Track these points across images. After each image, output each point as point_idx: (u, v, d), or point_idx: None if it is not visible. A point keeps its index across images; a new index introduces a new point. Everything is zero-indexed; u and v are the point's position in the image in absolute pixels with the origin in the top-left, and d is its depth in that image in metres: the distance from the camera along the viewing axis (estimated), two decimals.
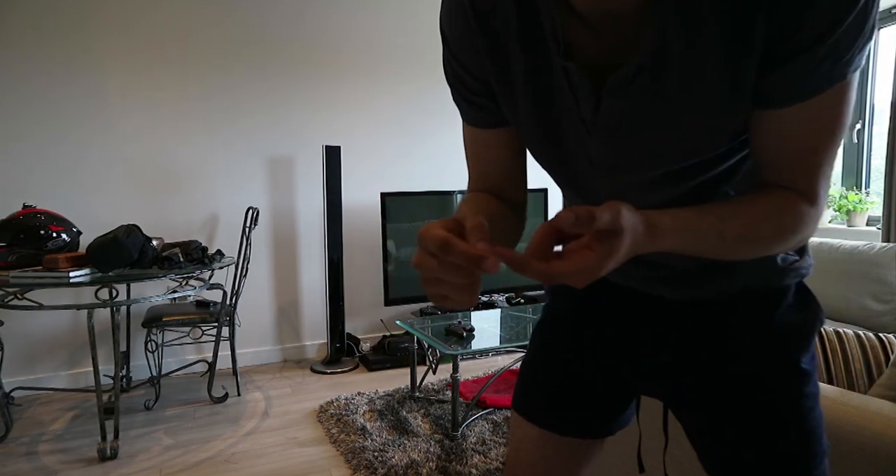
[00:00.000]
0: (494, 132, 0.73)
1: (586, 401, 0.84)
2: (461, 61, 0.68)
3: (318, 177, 3.37)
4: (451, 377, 2.24)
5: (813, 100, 0.52)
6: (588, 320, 0.85)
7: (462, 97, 0.72)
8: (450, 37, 0.68)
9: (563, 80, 0.60)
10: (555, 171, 0.73)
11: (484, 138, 0.75)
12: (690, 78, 0.54)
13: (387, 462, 2.03)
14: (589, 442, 0.84)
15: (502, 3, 0.61)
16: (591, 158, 0.65)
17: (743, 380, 0.73)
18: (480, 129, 0.74)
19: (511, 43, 0.62)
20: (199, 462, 2.12)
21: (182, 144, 3.09)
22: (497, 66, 0.65)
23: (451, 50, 0.68)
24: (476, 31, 0.64)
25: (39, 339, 2.87)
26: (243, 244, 2.81)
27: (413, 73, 3.57)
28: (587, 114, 0.60)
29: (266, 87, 3.24)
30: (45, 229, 2.23)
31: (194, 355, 3.18)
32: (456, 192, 3.36)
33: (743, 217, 0.57)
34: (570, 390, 0.84)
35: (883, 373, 1.22)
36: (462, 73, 0.69)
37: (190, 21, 3.05)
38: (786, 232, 0.58)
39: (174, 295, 2.41)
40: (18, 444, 2.28)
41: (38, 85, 2.79)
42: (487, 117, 0.72)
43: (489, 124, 0.73)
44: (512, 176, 0.77)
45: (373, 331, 3.59)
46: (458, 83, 0.71)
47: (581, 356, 0.84)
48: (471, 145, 0.77)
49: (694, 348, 0.76)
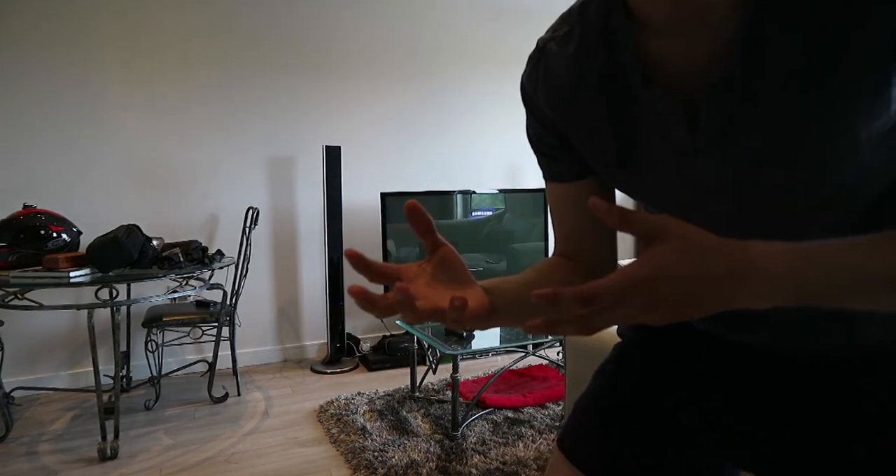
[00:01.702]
0: (571, 186, 0.70)
1: (655, 457, 0.68)
2: (537, 116, 0.67)
3: (318, 177, 3.37)
4: (451, 377, 2.24)
5: None
6: (672, 370, 0.72)
7: (540, 152, 0.70)
8: (529, 94, 0.67)
9: (650, 111, 0.54)
10: (663, 210, 0.62)
11: (564, 193, 0.71)
12: (804, 66, 0.45)
13: (387, 462, 2.03)
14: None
15: (577, 52, 0.59)
16: (703, 185, 0.55)
17: (869, 441, 0.57)
18: (559, 184, 0.71)
19: (586, 88, 0.59)
20: (199, 462, 2.11)
21: (182, 144, 3.09)
22: (573, 113, 0.62)
23: (530, 108, 0.68)
24: (551, 83, 0.63)
25: (40, 339, 2.87)
26: (243, 244, 2.81)
27: (413, 73, 3.57)
28: (684, 138, 0.53)
29: (266, 88, 3.24)
30: (46, 229, 2.23)
31: (194, 355, 3.18)
32: (456, 192, 3.36)
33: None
34: (635, 441, 0.69)
35: None
36: (538, 127, 0.68)
37: (190, 22, 3.05)
38: None
39: (174, 295, 2.41)
40: (19, 444, 2.28)
41: (38, 86, 2.79)
42: (566, 169, 0.69)
43: (567, 177, 0.69)
44: (595, 237, 0.71)
45: (373, 331, 3.59)
46: (536, 139, 0.70)
47: (656, 404, 0.71)
48: (552, 204, 0.73)
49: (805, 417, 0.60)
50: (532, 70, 0.65)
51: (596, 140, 0.61)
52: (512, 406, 2.49)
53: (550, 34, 0.64)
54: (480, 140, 3.76)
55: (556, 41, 0.62)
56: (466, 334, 2.40)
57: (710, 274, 0.40)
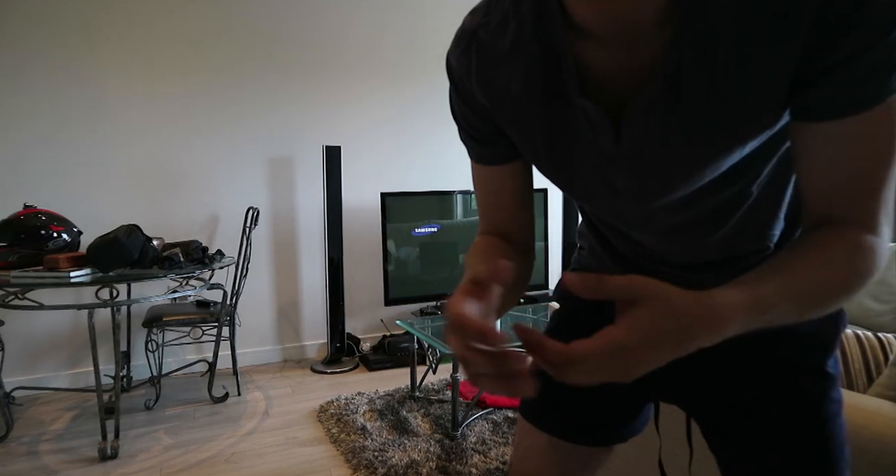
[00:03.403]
0: (499, 169, 0.72)
1: (598, 407, 0.81)
2: (466, 100, 0.67)
3: (318, 177, 3.37)
4: (451, 377, 2.24)
5: (863, 115, 0.49)
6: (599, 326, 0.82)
7: (468, 135, 0.71)
8: (457, 76, 0.66)
9: (582, 116, 0.58)
10: (579, 199, 0.71)
11: (490, 176, 0.73)
12: (710, 99, 0.52)
13: (387, 462, 2.04)
14: (601, 449, 0.82)
15: (512, 44, 0.59)
16: (617, 188, 0.63)
17: (766, 381, 0.71)
18: (487, 167, 0.73)
19: (522, 80, 0.61)
20: (199, 462, 2.12)
21: (182, 145, 3.09)
22: (506, 106, 0.64)
23: (458, 89, 0.67)
24: (484, 75, 0.63)
25: (40, 338, 2.87)
26: (243, 244, 2.81)
27: (413, 73, 3.57)
28: (608, 146, 0.59)
29: (266, 88, 3.24)
30: (46, 229, 2.23)
31: (194, 355, 3.18)
32: (456, 192, 3.36)
33: (815, 270, 0.51)
34: (580, 397, 0.80)
35: (882, 372, 1.22)
36: (467, 110, 0.68)
37: (190, 22, 3.05)
38: (863, 272, 0.52)
39: (174, 295, 2.41)
40: (19, 444, 2.28)
41: (39, 86, 2.79)
42: (493, 153, 0.71)
43: (495, 160, 0.71)
44: (520, 217, 0.75)
45: (373, 331, 3.59)
46: (463, 121, 0.70)
47: None
48: (479, 185, 0.76)
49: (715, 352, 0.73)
50: (462, 56, 0.64)
51: (528, 135, 0.64)
52: (512, 406, 2.49)
53: (481, 19, 0.62)
54: None
55: (489, 31, 0.61)
56: None
57: (685, 337, 0.44)
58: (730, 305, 0.46)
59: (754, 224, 0.66)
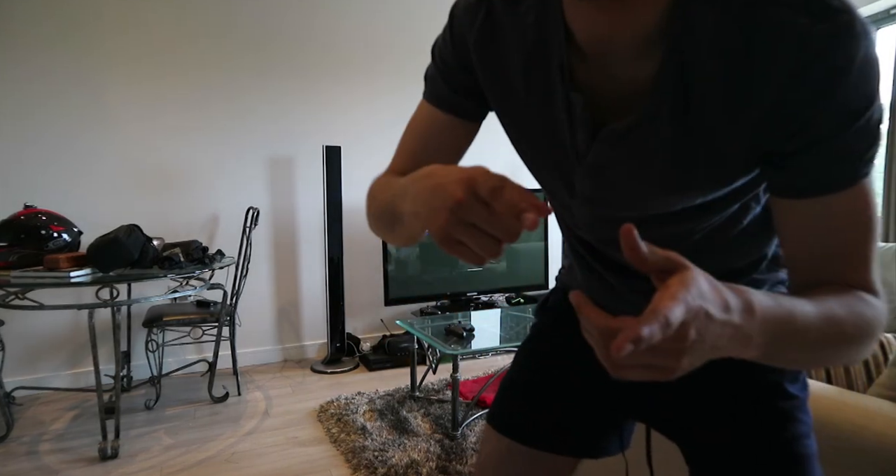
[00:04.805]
0: (450, 119, 0.70)
1: (563, 413, 0.82)
2: (457, 50, 0.66)
3: (318, 177, 3.37)
4: (451, 377, 2.24)
5: (837, 195, 0.50)
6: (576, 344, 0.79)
7: (440, 74, 0.69)
8: (457, 26, 0.65)
9: (564, 109, 0.59)
10: (539, 178, 0.72)
11: (436, 120, 0.70)
12: (678, 145, 0.54)
13: (387, 462, 2.04)
14: (562, 459, 0.82)
15: (519, 22, 0.60)
16: (574, 186, 0.64)
17: (733, 402, 0.72)
18: (439, 111, 0.70)
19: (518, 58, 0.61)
20: (199, 462, 2.12)
21: (183, 145, 3.09)
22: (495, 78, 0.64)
23: (453, 36, 0.66)
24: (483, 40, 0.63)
25: (40, 338, 2.87)
26: (243, 244, 2.81)
27: (413, 73, 3.57)
28: (581, 147, 0.60)
29: (266, 88, 3.24)
30: (46, 229, 2.23)
31: (195, 355, 3.18)
32: None
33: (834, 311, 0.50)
34: (547, 400, 0.82)
35: (882, 372, 1.22)
36: (453, 56, 0.67)
37: (190, 22, 3.05)
38: (872, 326, 0.51)
39: (175, 295, 2.41)
40: (19, 444, 2.28)
41: (39, 86, 2.79)
42: (455, 103, 0.69)
43: (452, 109, 0.69)
44: None
45: (373, 331, 3.59)
46: (441, 62, 0.68)
47: (565, 372, 0.83)
48: (418, 124, 0.72)
49: None
50: (471, 10, 0.63)
51: (513, 110, 0.65)
52: None
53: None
54: (480, 140, 3.73)
55: (505, 1, 0.61)
56: (466, 334, 2.40)
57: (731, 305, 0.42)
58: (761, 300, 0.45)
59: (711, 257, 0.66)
